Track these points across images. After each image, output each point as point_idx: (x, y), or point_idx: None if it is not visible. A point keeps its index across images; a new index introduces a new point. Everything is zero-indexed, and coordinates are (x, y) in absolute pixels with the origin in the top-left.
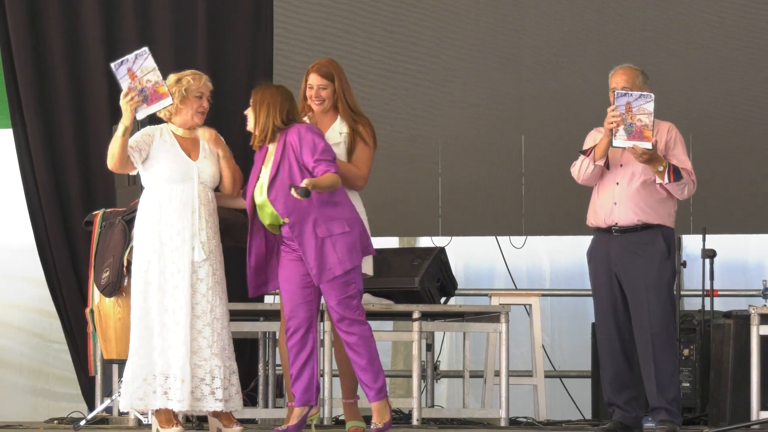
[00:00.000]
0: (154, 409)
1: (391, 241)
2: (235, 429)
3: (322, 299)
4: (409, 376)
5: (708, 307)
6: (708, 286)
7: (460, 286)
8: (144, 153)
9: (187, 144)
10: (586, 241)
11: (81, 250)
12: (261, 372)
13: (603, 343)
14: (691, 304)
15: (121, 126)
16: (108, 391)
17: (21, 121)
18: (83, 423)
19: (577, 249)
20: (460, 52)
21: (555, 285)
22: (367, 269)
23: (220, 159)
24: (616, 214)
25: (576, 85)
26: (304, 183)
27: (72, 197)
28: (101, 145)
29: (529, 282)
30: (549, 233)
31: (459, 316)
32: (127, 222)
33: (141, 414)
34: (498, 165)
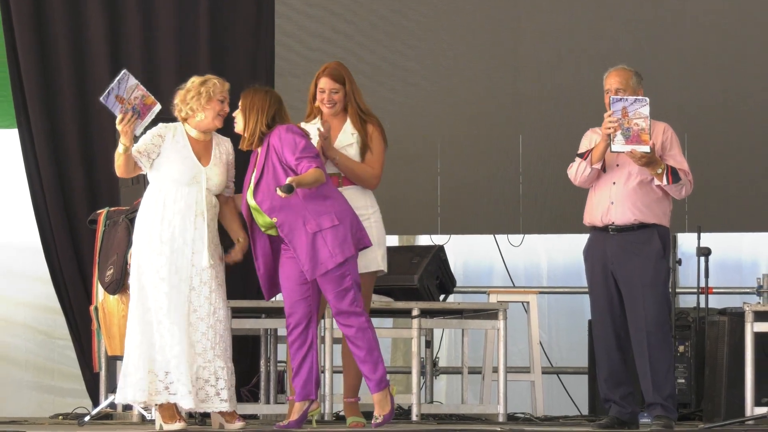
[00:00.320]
0: (157, 405)
1: (391, 240)
2: (237, 425)
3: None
4: (409, 372)
5: (703, 305)
6: (703, 283)
7: (458, 283)
8: (153, 156)
9: (200, 147)
10: (582, 240)
11: (85, 248)
12: (262, 368)
13: (599, 340)
14: (687, 301)
15: (122, 146)
16: (112, 388)
17: (26, 121)
18: (88, 419)
19: (574, 247)
20: (458, 53)
21: (552, 283)
22: (383, 265)
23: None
24: (612, 213)
25: (573, 86)
26: (287, 180)
27: (76, 196)
28: (105, 145)
29: (527, 280)
30: (546, 232)
31: (458, 313)
32: (131, 220)
33: (144, 409)
34: (496, 164)
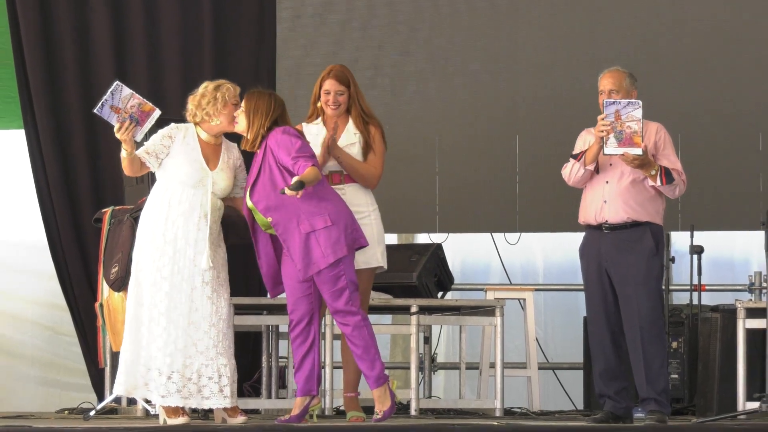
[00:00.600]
0: (144, 398)
1: (390, 238)
2: (240, 419)
3: None
4: (408, 368)
5: (696, 302)
6: (696, 281)
7: (456, 281)
8: (162, 156)
9: (209, 151)
10: (578, 238)
11: (91, 246)
12: (264, 364)
13: (594, 336)
14: (680, 298)
15: (124, 152)
16: None
17: (33, 121)
18: (93, 413)
19: (570, 245)
20: (457, 55)
21: (548, 280)
22: (383, 262)
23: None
24: (606, 211)
25: (568, 87)
26: (294, 179)
27: (82, 195)
28: (111, 144)
29: (523, 277)
30: (542, 230)
31: (455, 310)
32: (136, 219)
33: (147, 402)
34: (493, 164)
